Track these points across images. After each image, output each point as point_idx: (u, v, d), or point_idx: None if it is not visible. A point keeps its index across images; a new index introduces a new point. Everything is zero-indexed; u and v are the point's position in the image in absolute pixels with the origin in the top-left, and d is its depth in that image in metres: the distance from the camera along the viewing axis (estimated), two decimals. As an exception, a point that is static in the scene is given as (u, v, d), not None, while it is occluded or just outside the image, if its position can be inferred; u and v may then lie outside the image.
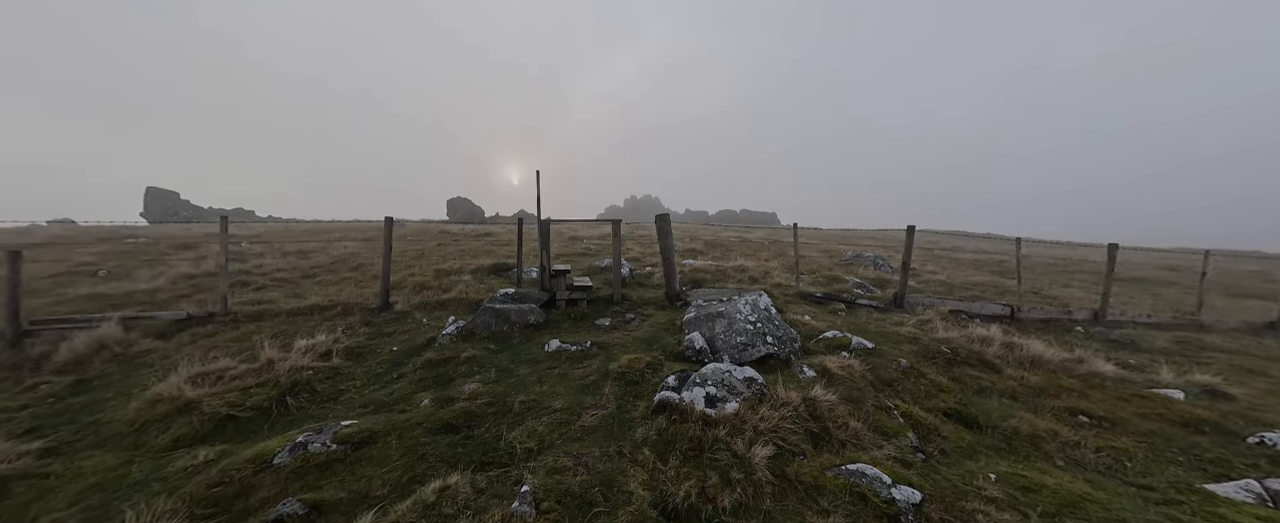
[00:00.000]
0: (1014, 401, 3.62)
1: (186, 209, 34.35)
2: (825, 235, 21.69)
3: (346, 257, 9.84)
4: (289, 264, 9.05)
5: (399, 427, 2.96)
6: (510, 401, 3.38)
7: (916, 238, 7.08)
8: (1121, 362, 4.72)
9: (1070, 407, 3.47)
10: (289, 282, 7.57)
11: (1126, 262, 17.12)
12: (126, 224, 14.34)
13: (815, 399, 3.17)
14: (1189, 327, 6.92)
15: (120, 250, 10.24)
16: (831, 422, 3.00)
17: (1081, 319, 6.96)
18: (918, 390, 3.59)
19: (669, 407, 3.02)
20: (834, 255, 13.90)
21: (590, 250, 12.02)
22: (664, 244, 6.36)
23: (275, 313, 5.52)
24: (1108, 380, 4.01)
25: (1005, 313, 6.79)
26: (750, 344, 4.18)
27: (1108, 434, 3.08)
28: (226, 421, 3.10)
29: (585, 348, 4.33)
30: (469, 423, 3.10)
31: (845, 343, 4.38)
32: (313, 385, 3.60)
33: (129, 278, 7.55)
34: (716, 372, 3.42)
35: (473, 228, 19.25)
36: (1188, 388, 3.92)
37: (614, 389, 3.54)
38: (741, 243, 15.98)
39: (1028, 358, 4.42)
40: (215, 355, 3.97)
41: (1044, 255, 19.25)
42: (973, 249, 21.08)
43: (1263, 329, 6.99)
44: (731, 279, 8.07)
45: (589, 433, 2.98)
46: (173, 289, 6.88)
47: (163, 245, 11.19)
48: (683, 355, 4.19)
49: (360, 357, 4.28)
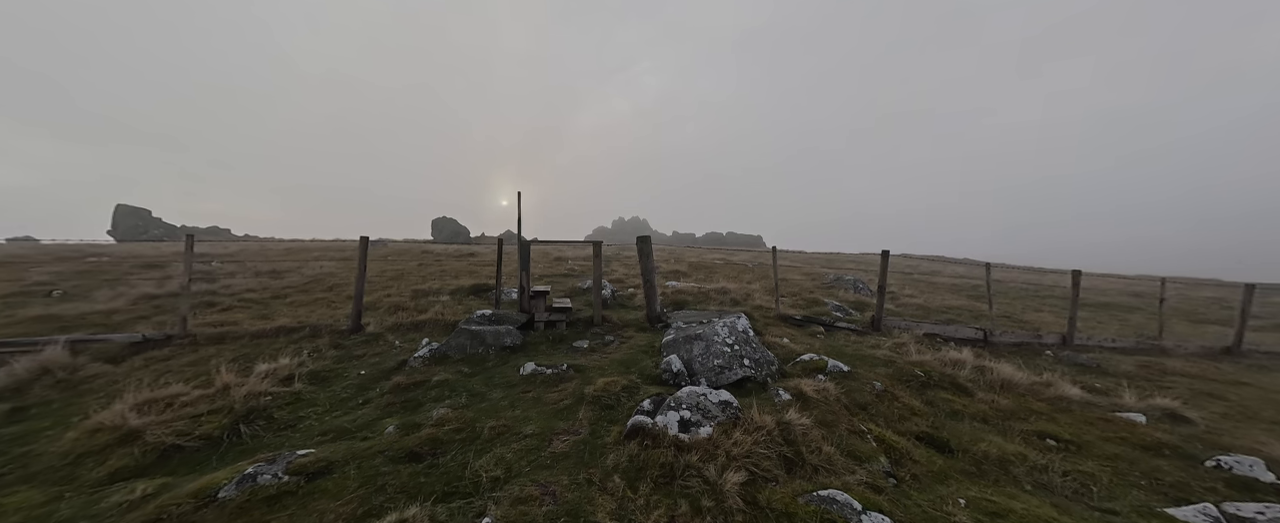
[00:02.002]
0: (985, 424, 3.66)
1: (158, 227, 33.29)
2: (809, 258, 22.08)
3: (322, 277, 9.59)
4: (260, 284, 8.77)
5: (359, 456, 2.83)
6: (480, 426, 3.27)
7: (897, 263, 7.27)
8: (1088, 385, 4.83)
9: (1039, 430, 3.52)
10: (258, 302, 7.31)
11: (1095, 287, 17.78)
12: (92, 242, 13.80)
13: (789, 423, 3.15)
14: (1152, 351, 7.15)
15: (80, 270, 9.81)
16: (805, 446, 2.97)
17: (1051, 343, 7.15)
18: (891, 414, 3.60)
19: (642, 432, 2.96)
20: (817, 278, 14.13)
21: (574, 271, 11.99)
22: (645, 266, 6.39)
23: (239, 335, 5.30)
24: (1074, 404, 4.09)
25: (978, 337, 6.95)
26: (727, 367, 4.17)
27: (1074, 458, 3.12)
28: (172, 451, 2.92)
29: (561, 371, 4.25)
30: (434, 451, 2.99)
31: (821, 366, 4.40)
32: (271, 412, 3.43)
33: (86, 298, 7.20)
34: (691, 395, 3.39)
35: (455, 248, 19.05)
36: (1150, 412, 4.02)
37: (588, 413, 3.48)
38: (726, 265, 16.15)
39: (998, 381, 4.50)
40: (167, 381, 3.77)
41: (1017, 280, 19.90)
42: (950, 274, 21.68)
43: (1220, 354, 7.27)
44: (713, 301, 8.10)
45: (560, 460, 2.90)
46: (132, 310, 6.58)
47: (127, 265, 10.76)
48: (660, 378, 4.15)
49: (325, 381, 4.11)
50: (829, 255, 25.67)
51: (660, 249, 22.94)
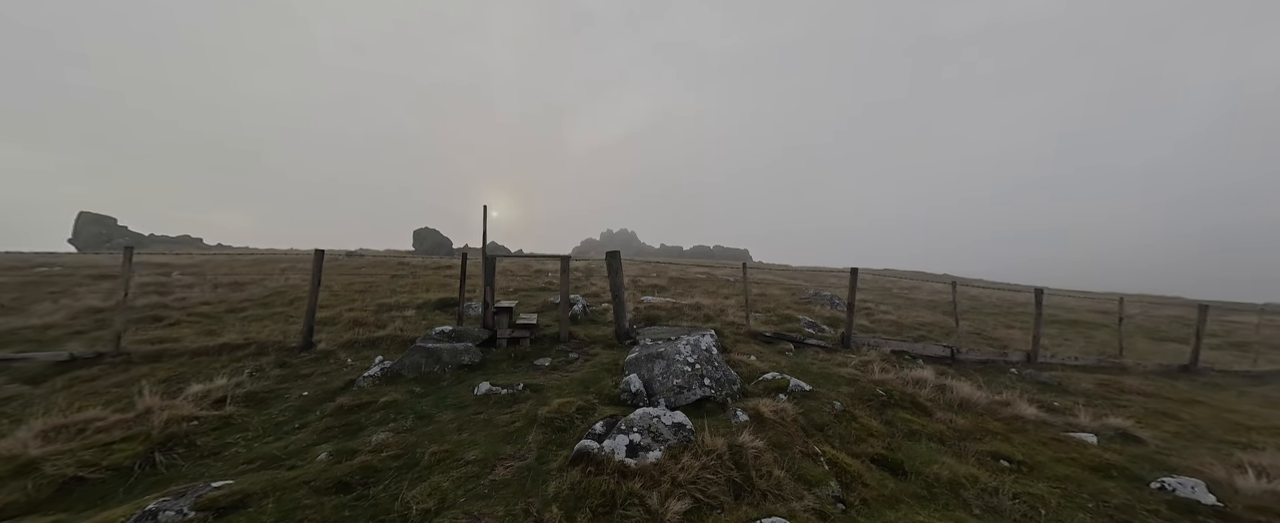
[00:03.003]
0: (941, 444, 3.63)
1: (123, 236, 32.01)
2: (794, 273, 22.26)
3: (285, 289, 9.26)
4: (218, 297, 8.41)
5: (281, 486, 2.65)
6: (421, 452, 3.12)
7: (878, 278, 7.33)
8: (1046, 404, 4.88)
9: (993, 450, 3.50)
10: (210, 317, 6.99)
11: (1063, 305, 18.27)
12: (47, 252, 13.18)
13: (742, 446, 3.07)
14: (1113, 369, 7.31)
15: (25, 281, 9.29)
16: (755, 470, 2.89)
17: (1016, 361, 7.25)
18: (848, 435, 3.55)
19: (586, 457, 2.85)
20: (796, 293, 14.21)
21: (552, 285, 11.82)
22: (614, 281, 6.32)
23: (178, 353, 5.01)
24: (1029, 424, 4.11)
25: (946, 354, 7.00)
26: (687, 387, 4.09)
27: (1025, 480, 3.10)
28: (73, 483, 2.68)
29: (516, 391, 4.11)
30: (366, 480, 2.82)
31: (783, 385, 4.35)
32: (193, 438, 3.20)
33: (23, 312, 6.79)
34: (645, 417, 3.29)
35: (433, 260, 18.72)
36: (1103, 431, 4.06)
37: (539, 437, 3.34)
38: (707, 279, 16.15)
39: (958, 401, 4.50)
40: (84, 404, 3.51)
41: (991, 297, 20.35)
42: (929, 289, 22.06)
43: (1177, 372, 7.47)
44: (686, 317, 8.04)
45: (499, 489, 2.76)
46: (69, 325, 6.21)
47: (79, 275, 10.24)
48: (619, 399, 4.04)
49: (262, 403, 3.89)
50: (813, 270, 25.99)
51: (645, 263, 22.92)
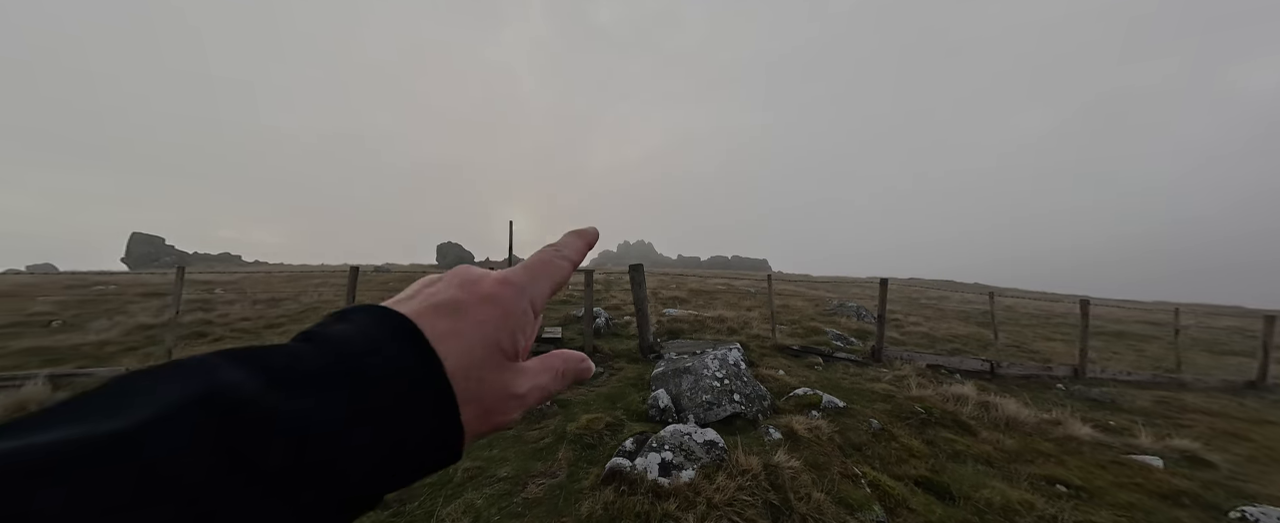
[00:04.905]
0: (989, 466, 3.44)
1: (170, 254, 33.94)
2: (814, 283, 21.82)
3: (319, 305, 9.60)
4: (257, 313, 8.78)
5: (321, 500, 2.70)
6: (453, 468, 3.14)
7: (904, 288, 7.13)
8: (1100, 423, 4.58)
9: (1047, 474, 3.29)
10: (250, 332, 7.29)
11: (1108, 316, 17.30)
12: (102, 271, 14.11)
13: (777, 466, 2.99)
14: (1169, 385, 6.83)
15: (83, 299, 9.91)
16: (793, 492, 2.80)
17: (1062, 376, 6.86)
18: (888, 456, 3.41)
19: (619, 476, 2.81)
20: (819, 304, 13.90)
21: (572, 297, 11.89)
22: (638, 295, 6.31)
23: (224, 367, 5.23)
24: (1084, 445, 3.85)
25: (985, 368, 6.69)
26: (716, 403, 4.01)
27: (1085, 507, 2.90)
28: None
29: (544, 406, 4.12)
30: (402, 496, 2.85)
31: (815, 401, 4.22)
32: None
33: (82, 329, 7.23)
34: (675, 435, 3.24)
35: (458, 276, 19.13)
36: (1168, 454, 3.77)
37: (568, 454, 3.33)
38: (727, 291, 15.98)
39: (1003, 419, 4.27)
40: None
41: (1028, 308, 19.43)
42: (959, 300, 21.27)
43: (1243, 388, 6.92)
44: (710, 329, 7.95)
45: (532, 507, 2.75)
46: (124, 341, 6.57)
47: (130, 293, 10.88)
48: (647, 415, 4.00)
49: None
50: (835, 280, 25.39)
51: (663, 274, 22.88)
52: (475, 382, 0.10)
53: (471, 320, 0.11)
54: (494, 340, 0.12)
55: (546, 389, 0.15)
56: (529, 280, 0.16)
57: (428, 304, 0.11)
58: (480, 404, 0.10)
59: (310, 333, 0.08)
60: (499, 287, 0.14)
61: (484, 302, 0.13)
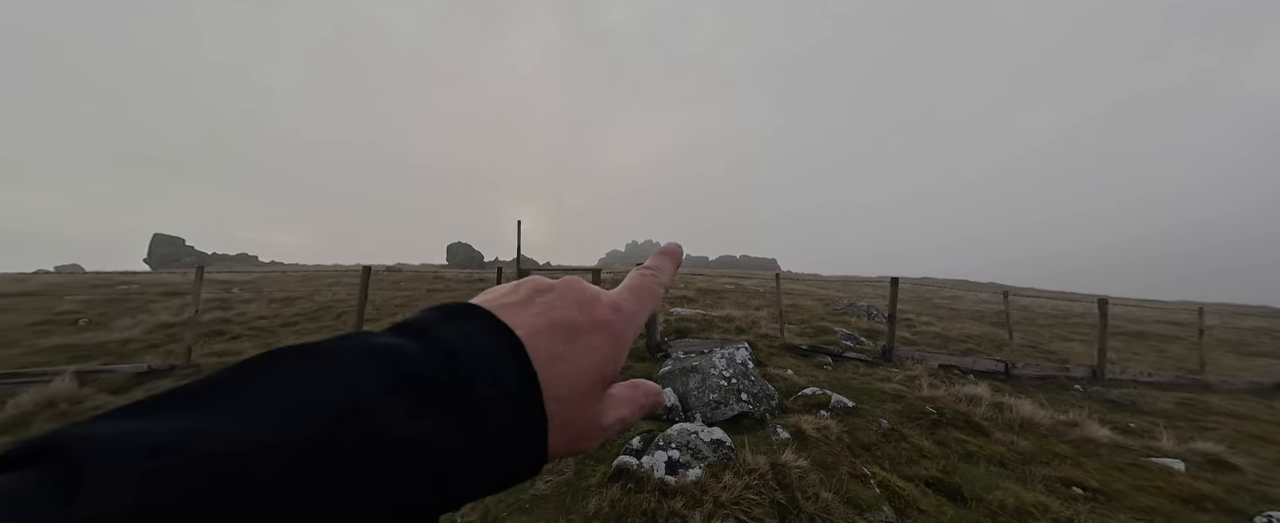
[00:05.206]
0: (1002, 468, 3.38)
1: (190, 255, 34.82)
2: (824, 282, 21.63)
3: (333, 304, 9.77)
4: (273, 311, 8.97)
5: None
6: (462, 464, 3.18)
7: (917, 288, 7.03)
8: (1120, 425, 4.47)
9: (1063, 476, 3.23)
10: (266, 331, 7.45)
11: (1128, 316, 16.87)
12: (126, 271, 14.54)
13: (785, 466, 2.97)
14: (1193, 387, 6.64)
15: (108, 298, 10.22)
16: (801, 492, 2.78)
17: (1079, 377, 6.70)
18: (898, 456, 3.37)
19: (626, 474, 2.82)
20: (829, 303, 13.77)
21: (580, 299, 11.95)
22: (645, 295, 6.32)
23: (241, 364, 5.35)
24: (1102, 447, 3.76)
25: (999, 369, 6.57)
26: (723, 402, 4.00)
27: (1103, 510, 2.84)
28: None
29: (552, 405, 4.15)
30: (412, 490, 2.90)
31: (824, 401, 4.19)
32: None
33: (107, 327, 7.45)
34: (682, 433, 3.25)
35: (466, 274, 19.32)
36: (1190, 457, 3.67)
37: (575, 452, 3.35)
38: (735, 290, 15.91)
39: (1017, 421, 4.19)
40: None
41: (1045, 307, 19.02)
42: (973, 299, 20.90)
43: (1270, 390, 6.69)
44: (718, 329, 7.92)
45: (540, 504, 2.77)
46: (146, 339, 6.76)
47: (152, 292, 11.18)
48: (654, 414, 4.00)
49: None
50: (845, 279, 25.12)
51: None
52: (571, 411, 0.10)
53: (584, 346, 0.11)
54: (600, 370, 0.11)
55: (627, 421, 0.15)
56: (638, 309, 0.15)
57: (544, 321, 0.11)
58: (569, 431, 0.10)
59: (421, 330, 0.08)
60: (613, 314, 0.13)
61: (598, 328, 0.12)
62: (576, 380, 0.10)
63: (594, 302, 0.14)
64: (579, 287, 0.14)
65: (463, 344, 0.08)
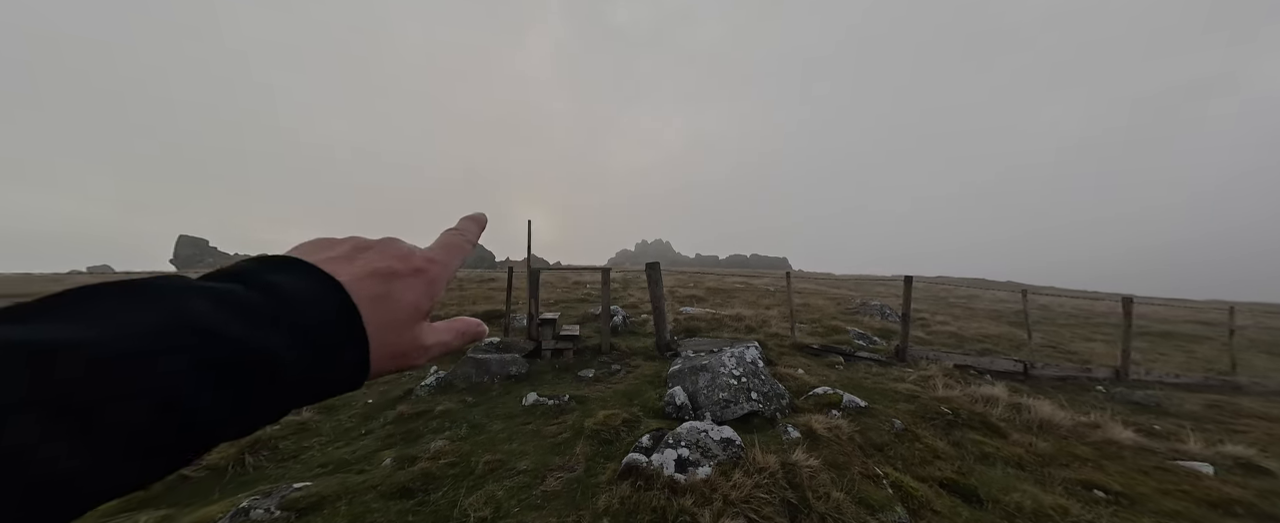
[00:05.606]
0: (1020, 469, 3.31)
1: (213, 255, 35.82)
2: (836, 281, 21.36)
3: (349, 303, 9.96)
4: (291, 310, 9.18)
5: (351, 490, 2.82)
6: (475, 461, 3.22)
7: (932, 287, 6.92)
8: (1144, 427, 4.33)
9: (1083, 479, 3.14)
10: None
11: (1155, 315, 16.32)
12: (153, 271, 14.99)
13: (795, 465, 2.95)
14: (1223, 388, 6.40)
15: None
16: (811, 491, 2.76)
17: (1102, 377, 6.52)
18: (911, 456, 3.32)
19: (635, 471, 2.83)
20: (841, 303, 13.59)
21: (591, 296, 11.99)
22: (654, 293, 6.32)
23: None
24: (1125, 449, 3.65)
25: (1017, 370, 6.42)
26: (733, 401, 3.99)
27: (1126, 514, 2.76)
28: (179, 480, 2.99)
29: (562, 402, 4.18)
30: (427, 486, 2.94)
31: (836, 400, 4.15)
32: (276, 442, 3.49)
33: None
34: (692, 432, 3.24)
35: (478, 273, 19.53)
36: (1219, 461, 3.54)
37: (585, 449, 3.37)
38: (746, 289, 15.80)
39: (1036, 422, 4.09)
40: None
41: (1066, 307, 18.50)
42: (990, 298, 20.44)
43: (1307, 391, 6.42)
44: (727, 328, 7.88)
45: (551, 499, 2.80)
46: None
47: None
48: (663, 412, 4.01)
49: (332, 410, 4.18)
50: (859, 278, 24.74)
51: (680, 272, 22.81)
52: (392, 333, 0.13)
53: (402, 286, 0.14)
54: (416, 305, 0.15)
55: (449, 345, 0.19)
56: (448, 259, 0.20)
57: (366, 270, 0.14)
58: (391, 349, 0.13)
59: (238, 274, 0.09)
60: (427, 263, 0.17)
61: (415, 274, 0.16)
62: (396, 313, 0.13)
63: (410, 255, 0.17)
64: (397, 243, 0.17)
65: (285, 283, 0.09)
